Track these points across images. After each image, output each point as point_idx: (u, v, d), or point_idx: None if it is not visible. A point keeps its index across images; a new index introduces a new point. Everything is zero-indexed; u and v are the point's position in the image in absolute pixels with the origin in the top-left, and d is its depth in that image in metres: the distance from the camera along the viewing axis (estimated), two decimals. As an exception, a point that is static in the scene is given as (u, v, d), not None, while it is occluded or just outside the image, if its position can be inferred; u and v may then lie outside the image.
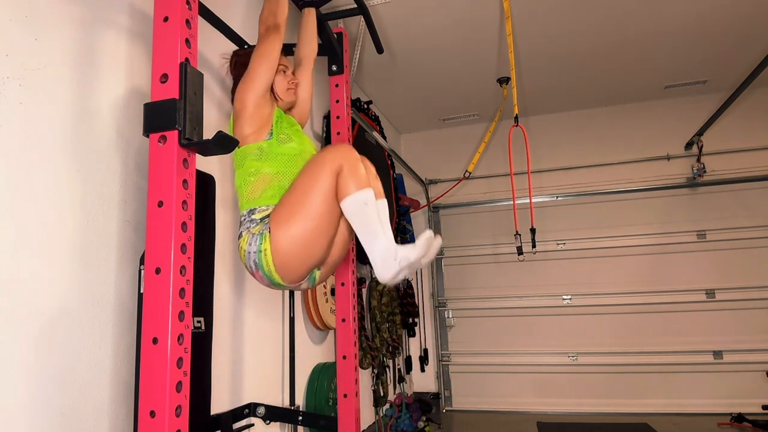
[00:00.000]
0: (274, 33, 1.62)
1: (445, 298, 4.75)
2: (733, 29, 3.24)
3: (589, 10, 2.97)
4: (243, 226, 1.54)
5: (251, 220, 1.52)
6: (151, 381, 1.06)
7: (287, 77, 1.74)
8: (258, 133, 1.58)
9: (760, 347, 3.97)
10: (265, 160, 1.57)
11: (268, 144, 1.58)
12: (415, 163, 4.85)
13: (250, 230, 1.50)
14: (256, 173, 1.56)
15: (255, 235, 1.47)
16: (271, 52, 1.59)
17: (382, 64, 3.54)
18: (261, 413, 1.96)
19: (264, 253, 1.45)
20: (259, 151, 1.57)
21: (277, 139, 1.59)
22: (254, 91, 1.56)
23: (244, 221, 1.54)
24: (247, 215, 1.54)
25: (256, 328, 2.16)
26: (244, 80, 1.58)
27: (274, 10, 1.66)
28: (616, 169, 4.47)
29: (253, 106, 1.56)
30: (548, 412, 4.25)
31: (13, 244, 1.15)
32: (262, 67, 1.57)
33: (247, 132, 1.57)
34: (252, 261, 1.48)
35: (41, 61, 1.26)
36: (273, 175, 1.56)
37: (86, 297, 1.32)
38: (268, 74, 1.58)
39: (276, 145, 1.59)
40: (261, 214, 1.52)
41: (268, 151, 1.57)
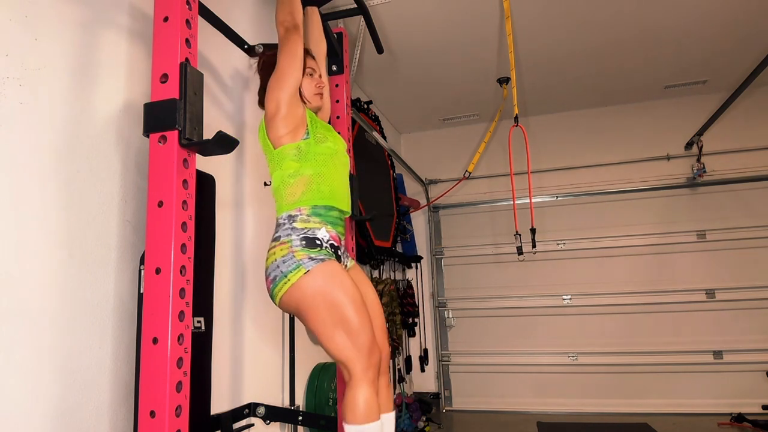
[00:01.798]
0: (295, 32, 1.62)
1: (445, 298, 4.75)
2: (733, 29, 3.24)
3: (589, 11, 2.97)
4: (283, 231, 1.52)
5: (293, 228, 1.51)
6: (151, 381, 1.06)
7: (314, 80, 1.73)
8: (294, 133, 1.57)
9: (760, 347, 3.97)
10: (305, 160, 1.57)
11: (306, 143, 1.58)
12: (415, 163, 4.85)
13: (292, 246, 1.49)
14: (296, 174, 1.56)
15: (295, 260, 1.46)
16: (297, 50, 1.59)
17: (382, 64, 3.54)
18: (261, 413, 1.96)
19: (286, 282, 1.46)
20: (297, 151, 1.57)
21: (314, 139, 1.59)
22: (286, 91, 1.55)
23: (283, 226, 1.53)
24: (288, 221, 1.53)
25: (256, 328, 2.16)
26: (274, 81, 1.57)
27: (290, 9, 1.66)
28: (616, 169, 4.47)
29: (286, 105, 1.55)
30: (548, 412, 4.24)
31: (13, 244, 1.15)
32: (291, 66, 1.57)
33: (282, 132, 1.56)
34: (273, 274, 1.49)
35: (41, 61, 1.26)
36: (312, 177, 1.56)
37: (86, 297, 1.32)
38: (297, 73, 1.58)
39: (314, 144, 1.59)
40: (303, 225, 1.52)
41: (306, 150, 1.57)
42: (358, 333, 1.44)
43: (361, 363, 1.44)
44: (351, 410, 1.42)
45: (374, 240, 3.41)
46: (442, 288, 4.78)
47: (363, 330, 1.45)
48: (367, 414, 1.41)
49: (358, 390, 1.42)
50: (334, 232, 1.59)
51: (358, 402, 1.41)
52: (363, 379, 1.43)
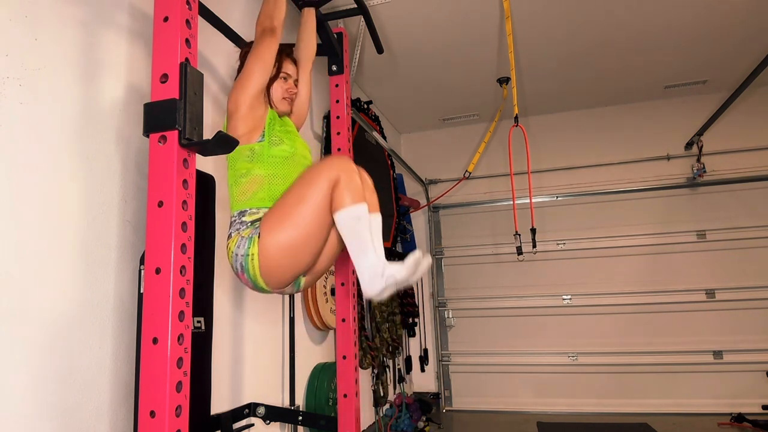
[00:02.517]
0: (270, 36, 1.61)
1: (445, 298, 4.75)
2: (733, 29, 3.24)
3: (589, 10, 2.97)
4: (233, 228, 1.53)
5: (242, 222, 1.51)
6: (151, 381, 1.06)
7: (287, 85, 1.72)
8: (250, 135, 1.57)
9: (760, 347, 3.97)
10: (257, 161, 1.56)
11: (260, 146, 1.57)
12: (415, 163, 4.85)
13: (240, 232, 1.48)
14: (247, 174, 1.55)
15: (244, 238, 1.46)
16: (265, 54, 1.59)
17: (382, 64, 3.54)
18: (261, 413, 1.96)
19: (251, 258, 1.44)
20: (250, 153, 1.57)
21: (269, 141, 1.59)
22: (247, 92, 1.55)
23: (234, 222, 1.53)
24: (238, 217, 1.53)
25: (256, 328, 2.16)
26: (238, 81, 1.58)
27: (271, 12, 1.66)
28: (616, 169, 4.47)
29: (245, 107, 1.55)
30: (548, 412, 4.24)
31: (14, 244, 1.15)
32: (256, 69, 1.57)
33: (240, 132, 1.56)
34: (238, 264, 1.47)
35: (41, 61, 1.26)
36: (264, 177, 1.55)
37: (86, 297, 1.32)
38: (262, 76, 1.58)
39: (268, 147, 1.58)
40: (252, 217, 1.51)
41: (259, 152, 1.57)
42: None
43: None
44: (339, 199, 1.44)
45: (374, 240, 3.41)
46: (442, 288, 4.78)
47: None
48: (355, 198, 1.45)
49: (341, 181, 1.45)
50: None
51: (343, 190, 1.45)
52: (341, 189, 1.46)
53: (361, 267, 1.47)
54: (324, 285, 2.70)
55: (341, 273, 2.18)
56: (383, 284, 1.43)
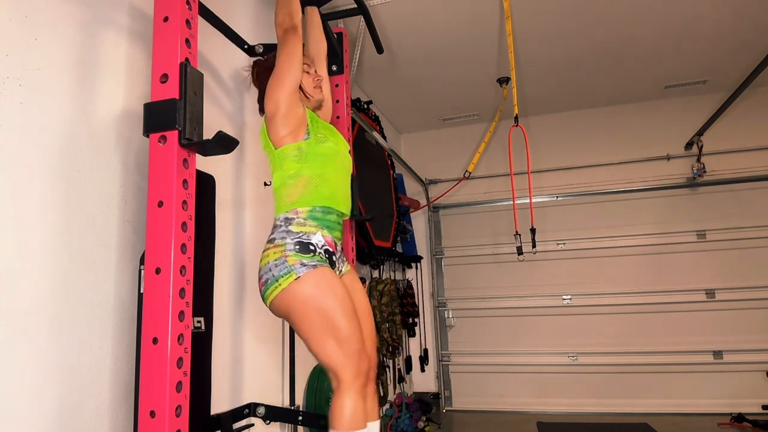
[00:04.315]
0: (293, 33, 1.62)
1: (445, 298, 4.75)
2: (733, 29, 3.24)
3: (589, 11, 2.97)
4: (277, 233, 1.53)
5: (287, 232, 1.52)
6: (151, 381, 1.06)
7: (312, 75, 1.75)
8: (295, 134, 1.58)
9: (760, 347, 3.97)
10: (305, 161, 1.57)
11: (306, 144, 1.58)
12: (415, 163, 4.85)
13: (285, 249, 1.49)
14: (296, 175, 1.56)
15: (287, 265, 1.47)
16: (295, 51, 1.59)
17: (382, 64, 3.54)
18: (261, 413, 1.96)
19: (277, 286, 1.47)
20: (298, 152, 1.57)
21: (315, 139, 1.59)
22: (285, 90, 1.55)
23: (279, 228, 1.54)
24: (284, 224, 1.53)
25: (256, 328, 2.16)
26: (273, 81, 1.57)
27: (289, 11, 1.66)
28: (616, 169, 4.47)
29: (285, 105, 1.55)
30: (548, 412, 4.24)
31: (14, 244, 1.15)
32: (291, 67, 1.57)
33: (283, 133, 1.56)
34: (265, 277, 1.50)
35: (41, 61, 1.26)
36: (311, 178, 1.56)
37: (86, 297, 1.32)
38: (297, 73, 1.58)
39: (314, 144, 1.59)
40: (299, 228, 1.52)
41: (307, 151, 1.57)
42: (347, 340, 1.45)
43: (350, 370, 1.45)
44: (338, 417, 1.42)
45: (374, 240, 3.41)
46: (442, 288, 4.78)
47: (352, 337, 1.46)
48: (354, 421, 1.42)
49: (346, 397, 1.43)
50: (330, 237, 1.58)
51: (345, 409, 1.42)
52: (351, 386, 1.44)
53: None
54: (324, 285, 2.69)
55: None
56: None
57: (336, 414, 1.43)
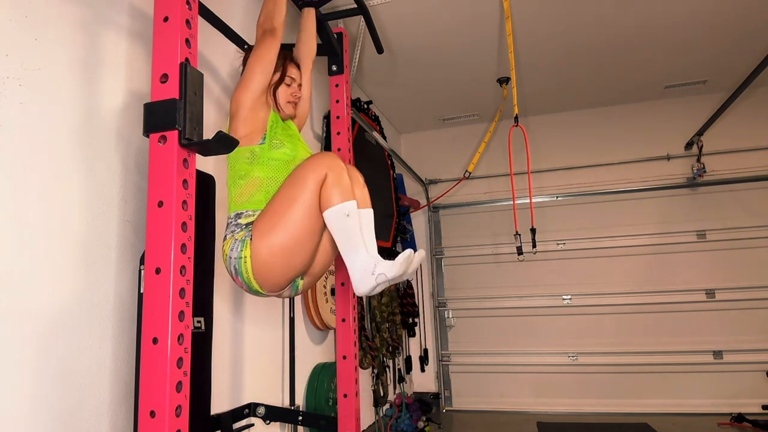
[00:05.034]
0: (270, 37, 1.62)
1: (445, 298, 4.75)
2: (733, 29, 3.24)
3: (589, 11, 2.97)
4: (228, 229, 1.53)
5: (237, 224, 1.51)
6: (151, 381, 1.06)
7: (291, 89, 1.74)
8: (251, 137, 1.58)
9: (760, 347, 3.97)
10: (257, 164, 1.56)
11: (260, 148, 1.57)
12: (415, 163, 4.85)
13: (234, 235, 1.48)
14: (246, 176, 1.55)
15: (237, 240, 1.46)
16: (266, 55, 1.59)
17: (382, 64, 3.54)
18: (261, 413, 1.96)
19: (244, 261, 1.44)
20: (251, 155, 1.57)
21: (269, 144, 1.59)
22: (249, 93, 1.56)
23: (230, 224, 1.53)
24: (234, 219, 1.53)
25: (256, 328, 2.16)
26: (241, 82, 1.59)
27: (271, 13, 1.66)
28: (616, 169, 4.47)
29: (247, 108, 1.56)
30: (548, 412, 4.24)
31: (14, 244, 1.15)
32: (258, 70, 1.58)
33: (241, 134, 1.57)
34: (232, 266, 1.47)
35: (41, 61, 1.26)
36: (263, 180, 1.55)
37: (86, 297, 1.32)
38: (264, 77, 1.59)
39: (268, 150, 1.58)
40: (247, 219, 1.51)
41: (259, 155, 1.57)
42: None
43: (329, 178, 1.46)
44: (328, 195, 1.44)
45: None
46: (442, 288, 4.78)
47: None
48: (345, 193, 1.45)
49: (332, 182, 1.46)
50: None
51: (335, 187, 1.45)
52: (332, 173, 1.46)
53: (352, 265, 1.47)
54: (324, 285, 2.70)
55: (341, 273, 2.18)
56: (374, 282, 1.43)
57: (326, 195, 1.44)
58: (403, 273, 1.44)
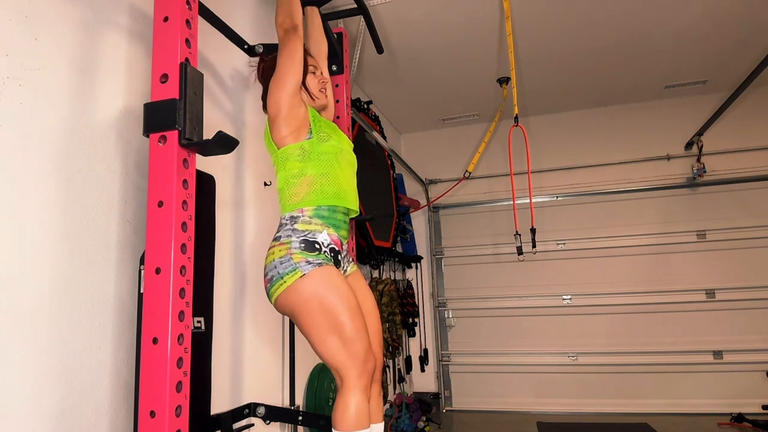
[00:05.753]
0: (294, 33, 1.62)
1: (445, 298, 4.75)
2: (733, 29, 3.24)
3: (589, 11, 2.97)
4: (283, 231, 1.53)
5: (293, 230, 1.51)
6: (151, 381, 1.06)
7: (317, 77, 1.74)
8: (297, 133, 1.58)
9: (760, 347, 3.97)
10: (308, 160, 1.57)
11: (309, 143, 1.58)
12: (415, 163, 4.85)
13: (290, 245, 1.49)
14: (300, 175, 1.56)
15: (292, 262, 1.47)
16: (296, 51, 1.59)
17: (382, 64, 3.54)
18: (261, 413, 1.96)
19: (283, 283, 1.46)
20: (301, 151, 1.57)
21: (317, 138, 1.59)
22: (286, 91, 1.55)
23: (285, 226, 1.54)
24: (290, 222, 1.54)
25: (256, 328, 2.16)
26: (274, 82, 1.58)
27: (289, 11, 1.66)
28: (616, 169, 4.47)
29: (287, 107, 1.56)
30: (548, 412, 4.24)
31: (14, 244, 1.15)
32: (291, 68, 1.57)
33: (285, 133, 1.57)
34: (271, 274, 1.49)
35: (41, 61, 1.26)
36: (316, 177, 1.56)
37: (86, 297, 1.32)
38: (297, 74, 1.58)
39: (317, 143, 1.59)
40: (304, 226, 1.52)
41: (310, 150, 1.57)
42: (353, 339, 1.45)
43: (355, 370, 1.44)
44: (341, 416, 1.42)
45: (374, 240, 3.41)
46: (442, 288, 4.78)
47: (358, 336, 1.46)
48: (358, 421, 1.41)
49: (350, 396, 1.43)
50: (336, 236, 1.58)
51: (350, 408, 1.41)
52: (356, 386, 1.43)
53: None
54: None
55: (341, 273, 2.18)
56: None
57: (339, 414, 1.42)
58: None
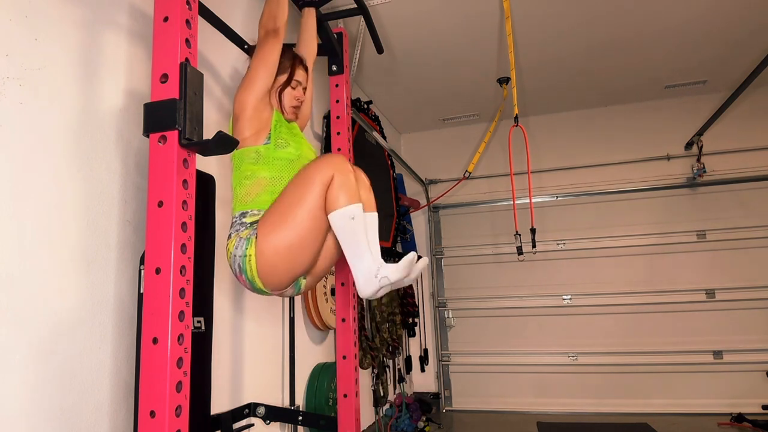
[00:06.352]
0: (273, 37, 1.62)
1: (445, 298, 4.75)
2: (734, 29, 3.24)
3: (589, 11, 2.97)
4: (233, 228, 1.54)
5: (241, 223, 1.52)
6: (151, 381, 1.06)
7: (296, 93, 1.74)
8: (256, 137, 1.58)
9: (760, 347, 3.97)
10: (263, 164, 1.57)
11: (265, 148, 1.58)
12: (415, 163, 4.85)
13: (239, 233, 1.49)
14: (252, 176, 1.56)
15: (242, 239, 1.47)
16: (270, 56, 1.60)
17: (382, 64, 3.54)
18: (261, 413, 1.96)
19: (248, 259, 1.45)
20: (256, 155, 1.57)
21: (275, 144, 1.59)
22: (252, 94, 1.56)
23: (234, 223, 1.54)
24: (239, 218, 1.54)
25: (256, 328, 2.16)
26: (243, 83, 1.59)
27: (274, 13, 1.66)
28: (616, 169, 4.47)
29: (251, 109, 1.56)
30: (548, 412, 4.24)
31: (14, 244, 1.15)
32: (261, 71, 1.58)
33: (246, 134, 1.57)
34: (236, 264, 1.48)
35: (41, 61, 1.26)
36: (269, 180, 1.56)
37: (86, 297, 1.32)
38: (267, 77, 1.59)
39: (273, 149, 1.59)
40: (252, 218, 1.52)
41: (265, 155, 1.58)
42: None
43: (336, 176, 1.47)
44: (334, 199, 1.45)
45: (374, 240, 3.41)
46: (442, 288, 4.78)
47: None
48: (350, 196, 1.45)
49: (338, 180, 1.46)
50: None
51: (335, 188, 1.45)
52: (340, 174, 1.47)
53: (356, 268, 1.47)
54: (324, 285, 2.70)
55: (341, 273, 2.18)
56: (377, 285, 1.44)
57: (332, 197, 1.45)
58: (405, 276, 1.45)
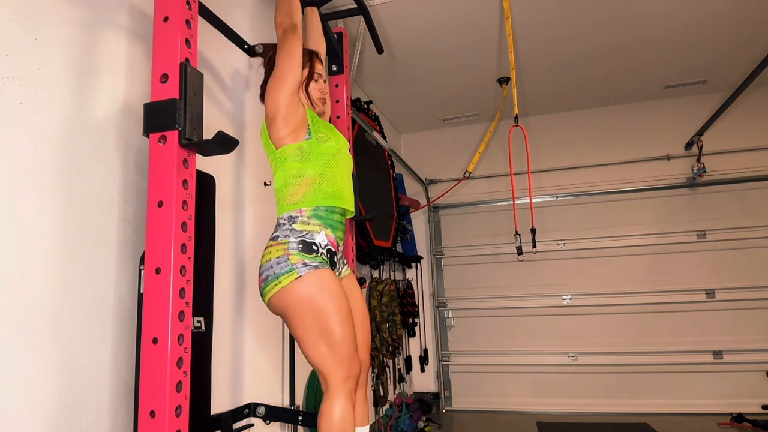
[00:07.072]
0: (293, 33, 1.62)
1: (445, 298, 4.75)
2: (734, 30, 3.24)
3: (589, 11, 2.97)
4: (281, 231, 1.53)
5: (291, 230, 1.52)
6: (151, 381, 1.06)
7: (320, 85, 1.75)
8: (296, 134, 1.58)
9: (760, 347, 3.97)
10: (307, 160, 1.57)
11: (308, 144, 1.58)
12: (415, 163, 4.85)
13: (288, 248, 1.49)
14: (299, 175, 1.56)
15: (288, 262, 1.47)
16: (295, 51, 1.59)
17: (382, 64, 3.54)
18: (261, 413, 1.96)
19: (278, 284, 1.47)
20: (299, 151, 1.57)
21: (316, 138, 1.60)
22: (284, 91, 1.55)
23: (282, 226, 1.54)
24: (288, 222, 1.54)
25: (256, 328, 2.16)
26: (273, 82, 1.58)
27: (289, 10, 1.66)
28: (616, 169, 4.47)
29: (285, 106, 1.56)
30: (548, 412, 4.24)
31: (13, 244, 1.15)
32: (289, 67, 1.57)
33: (283, 133, 1.57)
34: (266, 274, 1.50)
35: (41, 61, 1.26)
36: (315, 178, 1.57)
37: (86, 297, 1.32)
38: (296, 74, 1.58)
39: (316, 144, 1.59)
40: (302, 227, 1.52)
41: (308, 150, 1.58)
42: (340, 345, 1.45)
43: (341, 374, 1.45)
44: (326, 421, 1.42)
45: (374, 240, 3.41)
46: (442, 288, 4.78)
47: (345, 342, 1.46)
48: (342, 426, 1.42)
49: (335, 401, 1.43)
50: (333, 237, 1.58)
51: (334, 413, 1.42)
52: (341, 390, 1.44)
53: None
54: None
55: (341, 273, 2.18)
56: None
57: (324, 418, 1.43)
58: None
